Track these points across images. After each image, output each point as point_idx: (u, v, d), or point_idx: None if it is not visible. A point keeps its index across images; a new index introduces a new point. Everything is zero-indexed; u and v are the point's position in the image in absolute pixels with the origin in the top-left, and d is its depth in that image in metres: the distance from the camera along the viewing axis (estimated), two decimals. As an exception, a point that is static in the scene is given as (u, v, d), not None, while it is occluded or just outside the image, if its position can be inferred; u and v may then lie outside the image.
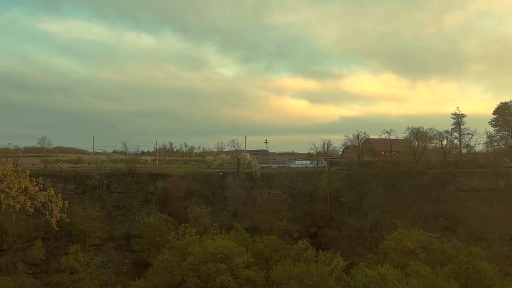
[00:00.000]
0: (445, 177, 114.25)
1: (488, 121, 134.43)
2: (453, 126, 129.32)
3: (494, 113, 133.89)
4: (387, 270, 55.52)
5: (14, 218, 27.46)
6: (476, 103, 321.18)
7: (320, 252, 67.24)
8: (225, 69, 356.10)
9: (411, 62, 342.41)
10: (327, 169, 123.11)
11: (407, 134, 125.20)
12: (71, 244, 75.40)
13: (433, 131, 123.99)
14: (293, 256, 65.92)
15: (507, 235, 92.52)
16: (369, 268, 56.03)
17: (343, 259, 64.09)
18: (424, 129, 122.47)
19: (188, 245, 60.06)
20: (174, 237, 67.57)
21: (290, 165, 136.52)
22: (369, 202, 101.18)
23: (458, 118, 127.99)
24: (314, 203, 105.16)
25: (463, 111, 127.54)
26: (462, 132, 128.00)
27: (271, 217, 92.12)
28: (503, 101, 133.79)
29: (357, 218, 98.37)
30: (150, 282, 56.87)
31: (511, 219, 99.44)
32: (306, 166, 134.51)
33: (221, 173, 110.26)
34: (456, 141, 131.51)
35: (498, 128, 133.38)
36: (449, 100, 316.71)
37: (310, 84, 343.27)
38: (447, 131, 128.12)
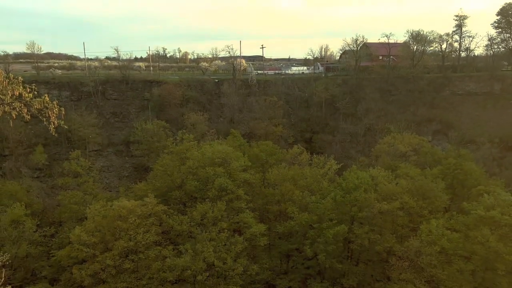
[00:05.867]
0: (442, 82, 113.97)
1: (491, 23, 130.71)
2: (454, 29, 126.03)
3: (498, 14, 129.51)
4: (378, 172, 57.79)
5: (11, 124, 27.56)
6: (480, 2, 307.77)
7: (314, 156, 69.41)
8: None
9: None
10: (323, 75, 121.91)
11: (406, 38, 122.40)
12: (72, 150, 77.03)
13: (433, 34, 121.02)
14: (288, 160, 68.08)
15: (496, 138, 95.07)
16: (361, 171, 58.21)
17: (336, 162, 66.50)
18: (424, 32, 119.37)
19: (186, 150, 61.50)
20: (173, 142, 68.97)
21: (287, 71, 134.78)
22: (364, 108, 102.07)
23: (460, 20, 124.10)
24: (309, 109, 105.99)
25: (466, 12, 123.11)
26: (463, 35, 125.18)
27: (267, 123, 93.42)
28: (508, 1, 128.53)
29: (352, 123, 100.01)
30: (152, 185, 59.27)
31: (503, 122, 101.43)
32: (303, 72, 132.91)
33: (217, 80, 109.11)
34: (456, 44, 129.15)
35: (500, 30, 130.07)
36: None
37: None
38: (447, 34, 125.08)
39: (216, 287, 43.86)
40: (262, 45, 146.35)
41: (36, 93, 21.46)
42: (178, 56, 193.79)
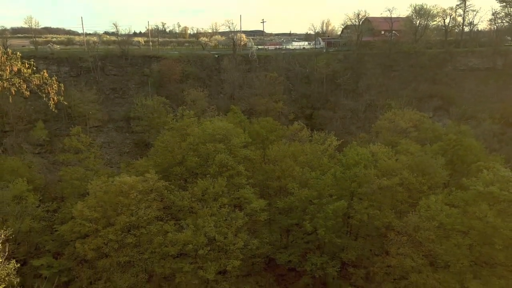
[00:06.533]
0: (444, 57, 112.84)
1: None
2: (458, 2, 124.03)
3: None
4: (378, 148, 57.91)
5: (11, 100, 27.49)
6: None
7: (315, 132, 69.45)
8: None
9: None
10: (324, 50, 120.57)
11: (409, 12, 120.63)
12: (72, 126, 76.95)
13: (436, 8, 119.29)
14: (289, 136, 68.18)
15: (497, 114, 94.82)
16: (361, 147, 58.34)
17: (336, 138, 66.58)
18: (428, 6, 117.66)
19: (187, 127, 61.46)
20: (173, 119, 68.88)
21: (287, 47, 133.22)
22: (365, 83, 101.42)
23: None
24: (310, 85, 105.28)
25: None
26: (467, 9, 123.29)
27: (267, 99, 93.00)
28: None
29: (352, 99, 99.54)
30: (152, 161, 59.51)
31: (504, 98, 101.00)
32: (304, 48, 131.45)
33: (217, 55, 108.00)
34: (459, 18, 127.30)
35: (505, 4, 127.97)
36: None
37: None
38: (451, 8, 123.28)
39: (217, 261, 44.61)
40: (263, 20, 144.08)
41: (35, 68, 21.32)
42: (177, 31, 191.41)
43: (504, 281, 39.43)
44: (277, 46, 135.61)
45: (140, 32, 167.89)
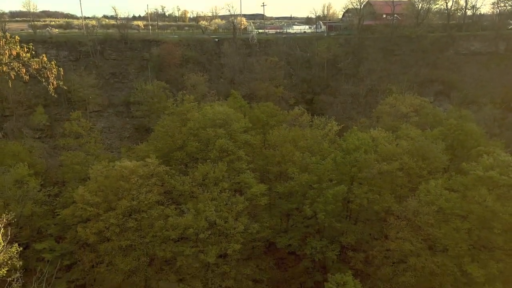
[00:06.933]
0: (446, 41, 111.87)
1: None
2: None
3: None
4: (378, 133, 57.87)
5: (10, 84, 27.39)
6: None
7: (315, 117, 69.27)
8: None
9: None
10: (325, 34, 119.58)
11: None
12: (72, 110, 76.84)
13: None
14: (289, 121, 68.02)
15: (499, 98, 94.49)
16: (361, 132, 58.28)
17: (337, 123, 66.44)
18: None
19: (187, 112, 61.32)
20: (173, 103, 68.68)
21: (288, 31, 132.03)
22: (366, 68, 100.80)
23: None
24: (311, 70, 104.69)
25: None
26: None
27: (268, 84, 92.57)
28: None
29: (353, 84, 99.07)
30: (153, 146, 59.54)
31: (506, 82, 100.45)
32: (304, 32, 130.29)
33: (217, 39, 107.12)
34: (462, 2, 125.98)
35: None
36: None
37: None
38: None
39: (218, 245, 44.98)
40: (263, 3, 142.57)
41: (33, 52, 21.21)
42: (177, 15, 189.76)
43: (502, 264, 39.81)
44: (278, 30, 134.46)
45: (140, 16, 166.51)
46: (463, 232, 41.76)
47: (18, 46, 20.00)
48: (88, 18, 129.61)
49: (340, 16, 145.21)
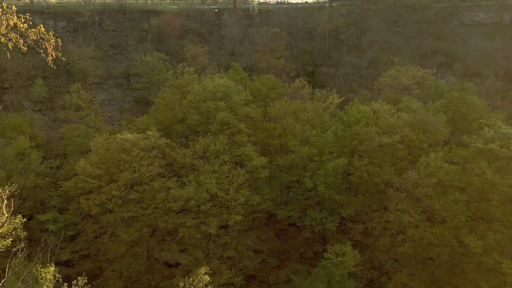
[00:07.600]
0: (450, 12, 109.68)
1: None
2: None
3: None
4: (380, 105, 57.66)
5: (9, 56, 27.09)
6: None
7: (316, 90, 68.83)
8: None
9: None
10: (327, 5, 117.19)
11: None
12: (72, 82, 76.33)
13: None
14: (290, 94, 67.62)
15: (502, 70, 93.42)
16: (363, 104, 58.04)
17: (338, 96, 66.06)
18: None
19: (187, 84, 60.83)
20: (173, 76, 68.08)
21: (289, 1, 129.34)
22: (368, 39, 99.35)
23: None
24: (312, 41, 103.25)
25: None
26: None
27: (268, 56, 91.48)
28: None
29: (355, 55, 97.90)
30: (153, 118, 59.42)
31: (510, 54, 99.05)
32: (306, 2, 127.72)
33: (217, 10, 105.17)
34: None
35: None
36: None
37: None
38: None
39: (219, 216, 45.62)
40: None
41: (31, 23, 20.87)
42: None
43: (499, 235, 40.43)
44: (279, 0, 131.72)
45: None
46: (461, 204, 42.24)
47: (15, 17, 19.68)
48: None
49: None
